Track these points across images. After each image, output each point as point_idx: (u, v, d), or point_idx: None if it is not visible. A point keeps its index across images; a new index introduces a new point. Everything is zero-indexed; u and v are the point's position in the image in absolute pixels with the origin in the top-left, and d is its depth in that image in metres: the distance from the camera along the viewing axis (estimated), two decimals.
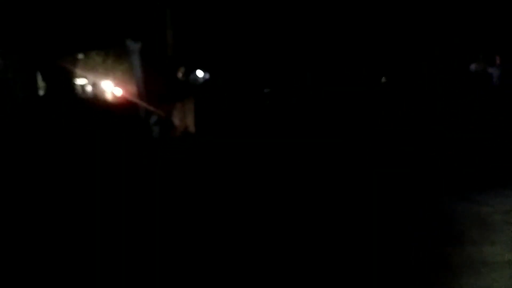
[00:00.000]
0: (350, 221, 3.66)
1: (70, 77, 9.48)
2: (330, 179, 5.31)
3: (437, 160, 6.54)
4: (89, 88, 17.98)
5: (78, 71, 11.44)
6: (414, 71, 15.71)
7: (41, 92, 9.65)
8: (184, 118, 7.96)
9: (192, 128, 8.16)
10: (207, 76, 37.96)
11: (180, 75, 7.62)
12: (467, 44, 14.52)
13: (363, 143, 8.21)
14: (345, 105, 13.12)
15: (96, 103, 9.89)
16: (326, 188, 4.89)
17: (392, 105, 14.43)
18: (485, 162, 6.27)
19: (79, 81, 16.42)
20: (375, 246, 3.09)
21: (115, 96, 14.73)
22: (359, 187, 4.82)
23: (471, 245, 3.04)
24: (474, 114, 12.75)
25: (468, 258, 2.83)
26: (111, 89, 14.67)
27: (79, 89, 16.01)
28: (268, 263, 2.90)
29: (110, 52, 11.18)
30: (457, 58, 14.90)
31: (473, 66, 15.41)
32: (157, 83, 7.57)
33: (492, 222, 3.54)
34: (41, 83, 11.45)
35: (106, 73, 11.99)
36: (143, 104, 7.36)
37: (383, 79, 16.00)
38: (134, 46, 7.40)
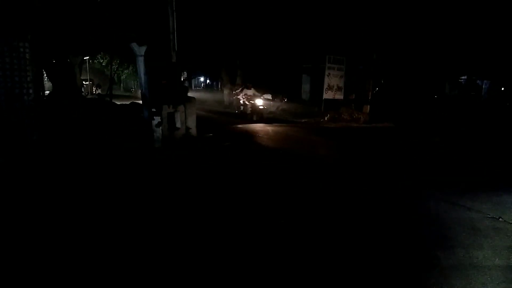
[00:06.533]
0: (343, 222, 3.74)
1: (76, 77, 9.60)
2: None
3: (429, 166, 6.66)
4: (94, 89, 18.20)
5: (84, 72, 11.61)
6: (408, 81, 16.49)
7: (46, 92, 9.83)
8: (185, 120, 8.08)
9: (194, 131, 8.28)
10: (208, 80, 37.75)
11: (183, 79, 7.76)
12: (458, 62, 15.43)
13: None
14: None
15: (100, 104, 9.99)
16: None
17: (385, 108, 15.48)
18: (475, 169, 6.40)
19: (85, 82, 16.60)
20: (367, 248, 3.18)
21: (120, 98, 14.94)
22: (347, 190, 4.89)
23: (461, 249, 3.15)
24: (464, 121, 13.11)
25: (458, 261, 2.93)
26: (116, 90, 14.86)
27: (84, 90, 16.17)
28: None
29: (115, 54, 11.33)
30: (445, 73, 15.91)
31: (463, 78, 16.12)
32: (161, 86, 7.67)
33: (481, 227, 3.66)
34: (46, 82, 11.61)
35: (111, 75, 12.14)
36: (146, 106, 7.45)
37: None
38: (139, 49, 7.52)
